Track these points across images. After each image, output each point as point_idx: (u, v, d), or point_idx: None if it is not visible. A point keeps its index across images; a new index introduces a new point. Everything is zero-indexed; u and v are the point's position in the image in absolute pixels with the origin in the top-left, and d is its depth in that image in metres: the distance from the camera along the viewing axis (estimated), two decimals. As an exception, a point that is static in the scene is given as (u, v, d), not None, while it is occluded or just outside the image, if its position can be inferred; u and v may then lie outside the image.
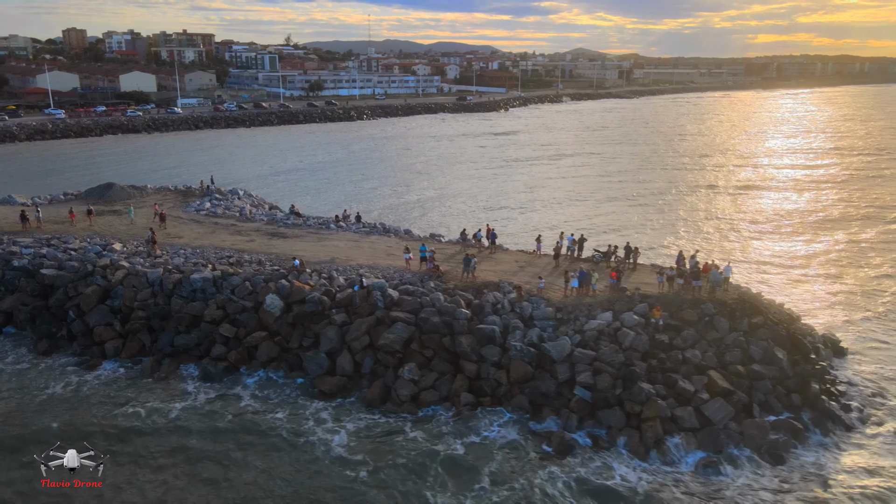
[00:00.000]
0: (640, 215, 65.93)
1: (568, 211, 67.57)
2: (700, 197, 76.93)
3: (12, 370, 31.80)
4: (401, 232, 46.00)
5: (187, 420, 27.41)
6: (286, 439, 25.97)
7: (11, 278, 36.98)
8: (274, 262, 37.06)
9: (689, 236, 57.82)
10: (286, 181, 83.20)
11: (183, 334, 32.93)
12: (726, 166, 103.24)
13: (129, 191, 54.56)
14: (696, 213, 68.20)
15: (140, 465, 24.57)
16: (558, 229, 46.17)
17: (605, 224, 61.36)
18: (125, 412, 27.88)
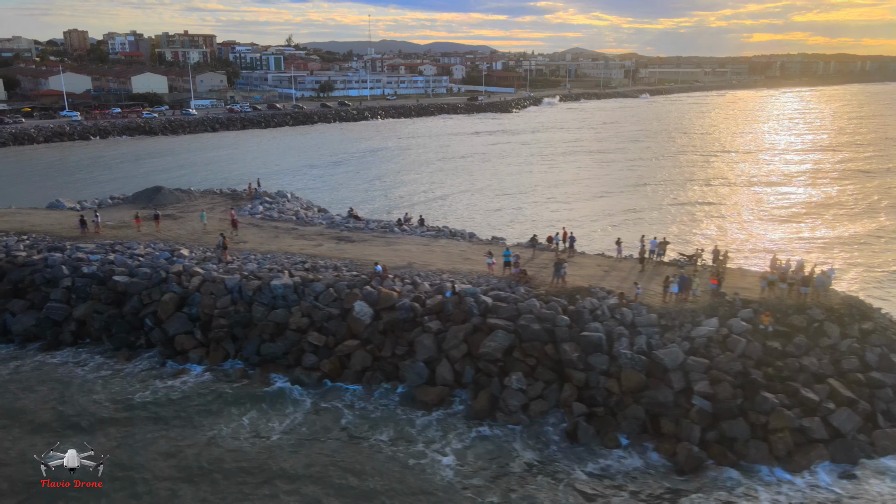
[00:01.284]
0: (691, 215, 65.25)
1: (616, 209, 66.88)
2: (740, 194, 76.25)
3: (95, 377, 30.97)
4: (466, 235, 45.19)
5: (286, 438, 26.43)
6: (396, 459, 24.89)
7: (82, 285, 36.10)
8: (350, 268, 36.23)
9: (749, 237, 57.14)
10: (321, 183, 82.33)
11: (268, 343, 32.11)
12: (759, 162, 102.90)
13: (177, 194, 53.66)
14: (744, 210, 67.50)
15: (240, 486, 23.57)
16: (605, 227, 45.62)
17: (659, 224, 60.65)
18: (220, 427, 26.97)
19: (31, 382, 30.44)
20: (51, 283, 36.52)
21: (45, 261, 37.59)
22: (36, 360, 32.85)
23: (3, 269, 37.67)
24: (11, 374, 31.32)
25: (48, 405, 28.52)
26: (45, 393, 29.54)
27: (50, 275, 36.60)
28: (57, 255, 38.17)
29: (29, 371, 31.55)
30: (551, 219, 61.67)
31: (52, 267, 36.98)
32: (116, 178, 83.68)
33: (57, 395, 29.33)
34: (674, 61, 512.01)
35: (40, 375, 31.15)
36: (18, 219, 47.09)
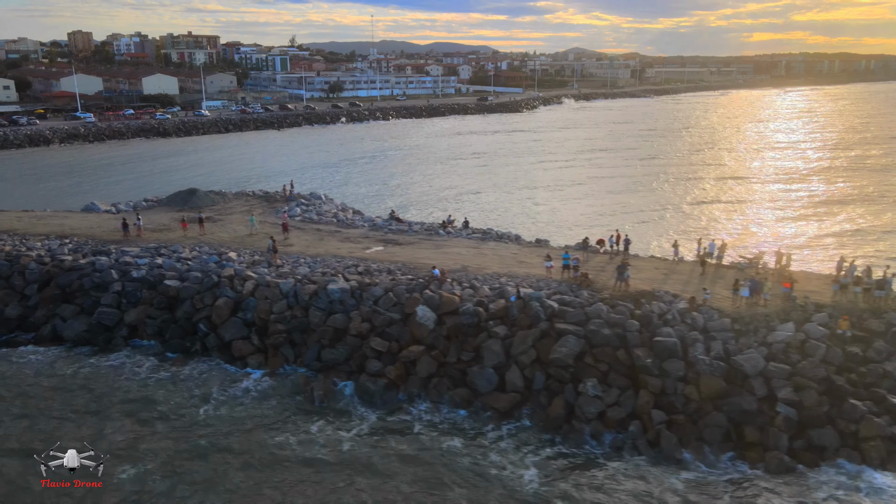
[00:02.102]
0: (726, 212, 64.66)
1: (644, 207, 66.28)
2: (763, 191, 75.64)
3: (153, 383, 30.39)
4: (512, 237, 44.60)
5: (358, 447, 25.78)
6: (477, 470, 24.23)
7: (132, 290, 35.59)
8: (404, 271, 35.66)
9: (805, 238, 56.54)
10: (344, 183, 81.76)
11: (329, 348, 31.55)
12: (776, 159, 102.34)
13: (212, 196, 53.14)
14: (770, 207, 66.92)
15: (315, 497, 22.86)
16: (635, 226, 44.75)
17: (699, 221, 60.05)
18: (286, 436, 26.37)
19: (90, 387, 29.90)
20: (100, 287, 36.01)
21: (92, 265, 37.07)
22: (90, 362, 32.28)
23: (50, 273, 37.19)
24: (68, 379, 30.76)
25: (110, 411, 27.98)
26: (104, 397, 29.01)
27: (99, 279, 36.10)
28: (103, 259, 37.65)
29: (85, 377, 30.97)
30: (587, 219, 61.12)
31: (101, 271, 36.46)
32: (140, 180, 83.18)
33: (116, 400, 28.80)
34: (677, 61, 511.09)
35: (97, 380, 30.58)
36: (56, 222, 46.59)
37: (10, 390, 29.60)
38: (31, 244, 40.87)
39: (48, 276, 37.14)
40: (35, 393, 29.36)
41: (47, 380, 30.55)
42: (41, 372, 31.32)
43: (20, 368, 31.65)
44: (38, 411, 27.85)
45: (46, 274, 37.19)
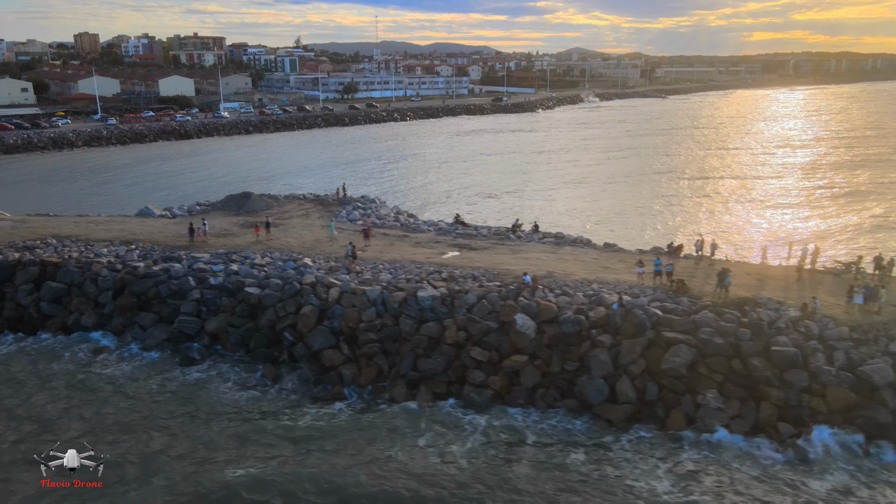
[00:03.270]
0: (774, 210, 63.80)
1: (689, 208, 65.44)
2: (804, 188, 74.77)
3: (247, 398, 29.50)
4: (584, 241, 43.67)
5: (473, 462, 24.82)
6: (611, 486, 23.31)
7: (211, 298, 34.75)
8: (489, 277, 34.75)
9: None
10: (379, 184, 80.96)
11: (425, 358, 30.67)
12: (807, 155, 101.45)
13: (266, 200, 52.31)
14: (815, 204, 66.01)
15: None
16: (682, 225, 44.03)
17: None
18: (394, 450, 25.42)
19: (180, 401, 29.03)
20: (177, 295, 35.18)
21: (167, 272, 36.23)
22: (174, 374, 31.41)
23: (123, 280, 36.36)
24: (157, 391, 29.93)
25: (205, 426, 27.11)
26: (195, 412, 28.13)
27: (176, 287, 35.25)
28: (177, 265, 36.79)
29: (174, 390, 30.12)
30: (641, 220, 60.30)
31: (177, 278, 35.63)
32: (178, 183, 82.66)
33: (207, 415, 27.92)
34: (684, 60, 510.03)
35: (187, 393, 29.74)
36: (115, 227, 45.78)
37: (105, 402, 28.74)
38: (96, 250, 40.01)
39: (122, 284, 36.31)
40: (132, 406, 28.52)
41: (140, 393, 29.71)
42: (127, 383, 30.48)
43: (105, 380, 30.79)
44: (138, 425, 27.00)
45: (120, 281, 36.35)
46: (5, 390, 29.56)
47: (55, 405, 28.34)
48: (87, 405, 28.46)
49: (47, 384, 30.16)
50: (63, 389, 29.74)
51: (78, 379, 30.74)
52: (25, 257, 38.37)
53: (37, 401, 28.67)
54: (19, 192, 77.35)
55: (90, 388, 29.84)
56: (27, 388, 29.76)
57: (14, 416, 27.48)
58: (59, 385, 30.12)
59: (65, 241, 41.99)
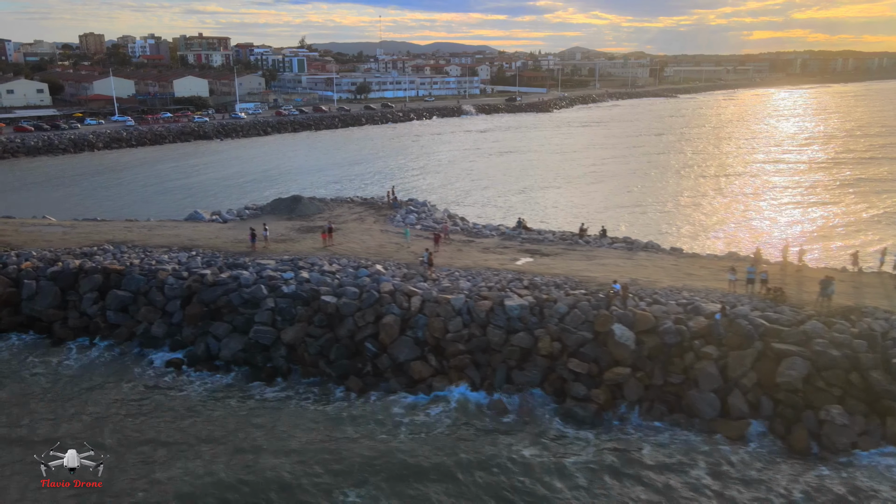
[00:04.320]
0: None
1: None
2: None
3: (333, 412, 28.37)
4: (654, 246, 42.52)
5: (590, 475, 23.84)
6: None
7: (286, 307, 33.59)
8: (571, 285, 33.57)
9: None
10: (417, 185, 79.87)
11: (518, 370, 29.55)
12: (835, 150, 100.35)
13: (317, 204, 51.17)
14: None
15: None
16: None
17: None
18: (504, 465, 24.34)
19: (273, 422, 27.80)
20: (249, 304, 34.01)
21: (236, 280, 35.10)
22: (254, 387, 30.29)
23: (191, 288, 35.22)
24: (237, 405, 28.82)
25: (295, 442, 25.99)
26: (280, 426, 27.02)
27: (248, 295, 34.08)
28: (245, 273, 35.66)
29: (254, 406, 29.00)
30: (690, 218, 59.16)
31: (248, 287, 34.48)
32: (210, 185, 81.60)
33: (293, 429, 26.82)
34: (690, 59, 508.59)
35: (281, 411, 28.58)
36: (170, 232, 44.65)
37: (186, 417, 27.64)
38: (157, 256, 38.89)
39: (189, 292, 35.18)
40: (213, 419, 27.40)
41: (220, 407, 28.61)
42: (209, 399, 29.38)
43: (182, 394, 29.69)
44: (227, 440, 25.88)
45: (187, 289, 35.21)
46: (87, 404, 28.45)
47: (135, 421, 27.25)
48: (170, 421, 27.39)
49: (126, 398, 29.08)
50: (139, 403, 28.65)
51: (154, 393, 29.67)
52: (87, 264, 37.27)
53: (121, 415, 27.58)
54: (50, 195, 76.31)
55: (168, 407, 28.71)
56: (108, 400, 28.69)
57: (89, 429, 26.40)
58: (135, 398, 29.05)
59: (121, 247, 40.90)
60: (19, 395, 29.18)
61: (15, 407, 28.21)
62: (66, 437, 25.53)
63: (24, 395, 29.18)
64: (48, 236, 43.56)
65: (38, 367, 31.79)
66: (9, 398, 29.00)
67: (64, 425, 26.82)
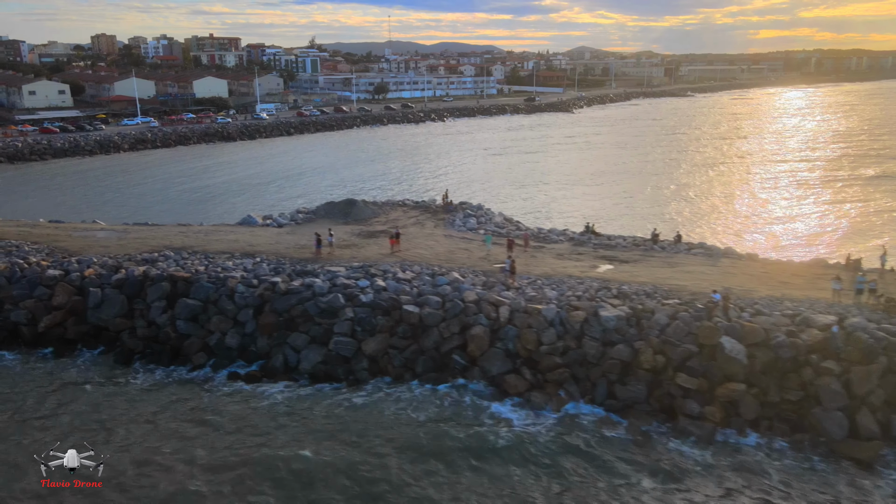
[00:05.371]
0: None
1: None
2: None
3: (432, 422, 26.97)
4: (733, 252, 40.91)
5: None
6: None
7: (365, 317, 32.20)
8: (664, 294, 32.04)
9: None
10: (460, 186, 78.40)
11: (620, 385, 28.07)
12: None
13: (372, 208, 49.79)
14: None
15: None
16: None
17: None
18: (618, 492, 22.92)
19: (353, 426, 26.53)
20: (326, 313, 32.64)
21: (309, 288, 33.72)
22: (338, 399, 28.94)
23: (263, 297, 33.87)
24: (324, 416, 27.54)
25: (390, 452, 24.64)
26: (372, 438, 25.67)
27: (325, 305, 32.72)
28: (318, 281, 34.29)
29: (341, 414, 27.65)
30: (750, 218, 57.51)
31: (323, 295, 33.11)
32: (248, 187, 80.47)
33: (387, 440, 25.50)
34: (702, 58, 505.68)
35: (357, 417, 27.26)
36: (227, 238, 43.36)
37: (276, 430, 26.29)
38: (221, 263, 37.57)
39: (262, 301, 33.84)
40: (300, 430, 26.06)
41: (306, 419, 27.26)
42: (291, 409, 28.06)
43: (268, 407, 28.36)
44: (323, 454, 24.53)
45: (259, 298, 33.87)
46: (169, 422, 27.17)
47: (227, 438, 25.94)
48: (255, 435, 26.08)
49: (207, 412, 27.79)
50: (222, 417, 27.34)
51: (234, 406, 28.38)
52: (151, 272, 35.99)
53: (210, 433, 26.27)
54: (87, 198, 75.36)
55: (255, 423, 27.40)
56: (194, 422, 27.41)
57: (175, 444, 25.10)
58: (217, 412, 27.74)
59: (181, 252, 39.63)
60: (91, 410, 27.94)
61: (93, 422, 26.96)
62: (154, 455, 24.30)
63: (97, 410, 27.97)
64: (104, 241, 42.38)
65: (108, 384, 30.36)
66: (84, 412, 27.76)
67: (148, 442, 25.51)
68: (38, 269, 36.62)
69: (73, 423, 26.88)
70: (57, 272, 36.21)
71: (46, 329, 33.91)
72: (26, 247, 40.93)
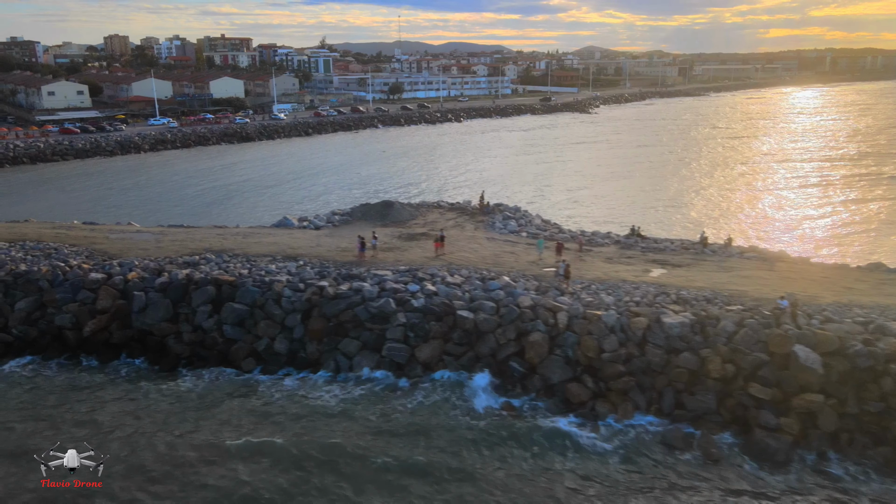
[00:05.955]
0: None
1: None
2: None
3: (495, 431, 26.14)
4: (784, 256, 39.93)
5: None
6: None
7: (418, 322, 31.43)
8: (725, 300, 31.06)
9: None
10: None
11: (688, 394, 27.14)
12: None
13: (409, 210, 49.03)
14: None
15: None
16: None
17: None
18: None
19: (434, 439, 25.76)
20: (377, 318, 31.89)
21: (358, 293, 32.96)
22: (396, 403, 28.15)
23: (311, 301, 33.12)
24: (383, 420, 26.74)
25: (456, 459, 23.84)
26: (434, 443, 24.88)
27: (376, 309, 31.95)
28: (366, 285, 33.52)
29: (400, 418, 26.87)
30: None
31: (373, 299, 32.35)
32: (276, 188, 79.92)
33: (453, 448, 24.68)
34: (716, 58, 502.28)
35: (431, 423, 26.49)
36: (266, 240, 42.66)
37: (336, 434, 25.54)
38: (264, 266, 36.83)
39: (309, 305, 33.11)
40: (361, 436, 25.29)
41: (364, 424, 26.49)
42: (352, 412, 27.31)
43: (327, 411, 27.61)
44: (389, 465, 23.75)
45: (307, 302, 33.14)
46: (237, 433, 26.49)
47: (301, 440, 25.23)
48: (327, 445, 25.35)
49: (265, 419, 27.07)
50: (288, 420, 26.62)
51: (296, 409, 27.66)
52: (195, 275, 35.32)
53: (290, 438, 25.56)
54: (114, 198, 75.04)
55: (316, 425, 26.67)
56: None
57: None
58: (283, 420, 27.02)
59: (222, 255, 38.94)
60: (136, 419, 27.33)
61: (139, 435, 26.32)
62: (219, 453, 23.62)
63: (143, 418, 27.34)
64: (142, 244, 41.77)
65: (154, 392, 29.66)
66: (147, 416, 27.15)
67: (217, 442, 24.85)
68: (80, 272, 36.03)
69: (143, 427, 26.33)
70: (100, 275, 35.61)
71: (92, 334, 33.31)
72: (65, 249, 40.38)
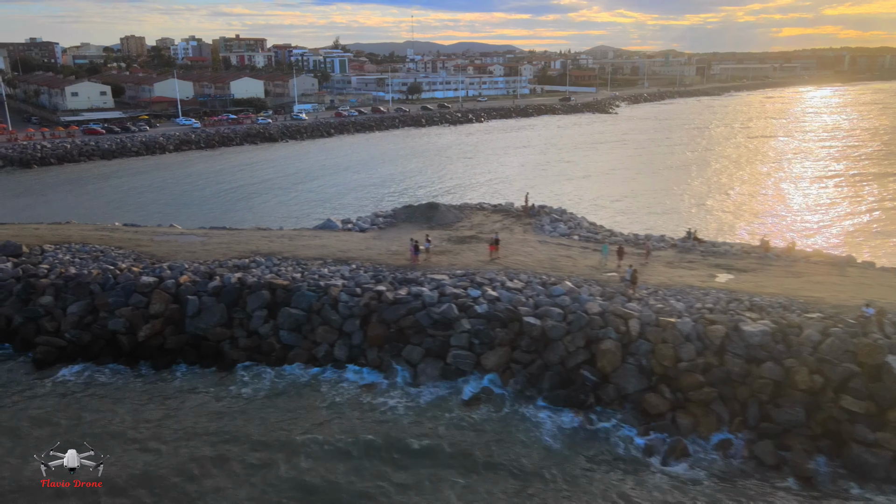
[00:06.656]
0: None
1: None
2: None
3: (572, 444, 25.18)
4: (849, 260, 38.60)
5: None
6: None
7: (483, 329, 30.50)
8: (803, 308, 29.86)
9: None
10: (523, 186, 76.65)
11: (774, 406, 25.99)
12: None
13: (455, 212, 48.11)
14: None
15: None
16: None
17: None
18: None
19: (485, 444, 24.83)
20: (439, 325, 31.01)
21: (418, 298, 32.09)
22: (460, 413, 27.24)
23: (369, 306, 32.31)
24: (444, 432, 25.86)
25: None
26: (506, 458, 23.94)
27: (438, 315, 31.06)
28: (425, 290, 32.62)
29: (465, 428, 25.96)
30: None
31: (435, 305, 31.46)
32: (312, 188, 79.35)
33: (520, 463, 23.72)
34: (732, 57, 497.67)
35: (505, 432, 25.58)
36: (314, 243, 41.92)
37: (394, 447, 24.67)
38: (317, 270, 36.02)
39: (368, 311, 32.29)
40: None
41: (428, 435, 25.59)
42: (414, 421, 26.44)
43: (388, 419, 26.74)
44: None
45: (365, 307, 32.33)
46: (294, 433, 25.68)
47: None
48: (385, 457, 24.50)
49: (329, 428, 26.25)
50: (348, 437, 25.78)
51: (358, 423, 26.82)
52: (248, 279, 34.59)
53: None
54: (149, 199, 74.60)
55: (386, 432, 25.82)
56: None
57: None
58: (339, 430, 26.18)
59: (272, 258, 38.20)
60: (195, 424, 26.62)
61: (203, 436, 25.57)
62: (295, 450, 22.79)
63: (200, 424, 26.65)
64: (188, 247, 41.13)
65: (211, 400, 28.96)
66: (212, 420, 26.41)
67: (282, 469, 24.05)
68: (131, 276, 35.39)
69: (211, 432, 25.61)
70: (151, 279, 34.94)
71: (147, 338, 32.64)
72: (112, 252, 39.82)
